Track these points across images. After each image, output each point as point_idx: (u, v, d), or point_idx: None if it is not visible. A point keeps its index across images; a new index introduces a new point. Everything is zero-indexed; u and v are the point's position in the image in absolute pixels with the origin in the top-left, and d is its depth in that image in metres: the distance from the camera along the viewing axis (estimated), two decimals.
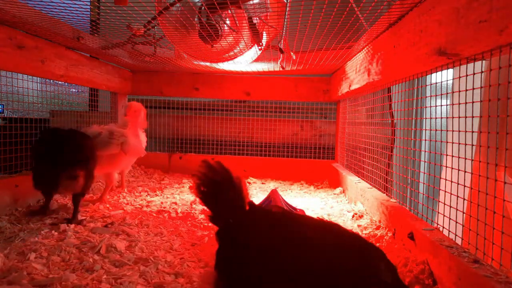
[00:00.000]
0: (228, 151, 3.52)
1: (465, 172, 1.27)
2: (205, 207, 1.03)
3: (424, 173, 1.63)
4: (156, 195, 2.44)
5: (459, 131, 1.29)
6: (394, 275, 0.75)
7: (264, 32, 2.03)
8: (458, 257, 1.07)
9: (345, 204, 2.31)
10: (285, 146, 3.53)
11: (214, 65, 2.73)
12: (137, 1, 1.57)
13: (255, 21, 1.90)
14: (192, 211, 2.06)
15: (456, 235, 1.28)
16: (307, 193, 2.72)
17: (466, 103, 1.23)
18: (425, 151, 2.16)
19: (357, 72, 2.25)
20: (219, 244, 0.92)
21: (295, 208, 1.96)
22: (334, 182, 2.92)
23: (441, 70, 1.36)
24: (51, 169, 1.63)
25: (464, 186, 1.27)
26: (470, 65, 1.20)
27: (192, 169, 1.09)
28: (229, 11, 1.79)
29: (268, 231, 0.83)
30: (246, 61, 2.50)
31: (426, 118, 2.46)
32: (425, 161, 1.68)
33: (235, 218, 0.93)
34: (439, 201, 1.48)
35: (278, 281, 0.68)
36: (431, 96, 1.52)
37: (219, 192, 0.99)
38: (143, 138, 2.56)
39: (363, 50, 2.10)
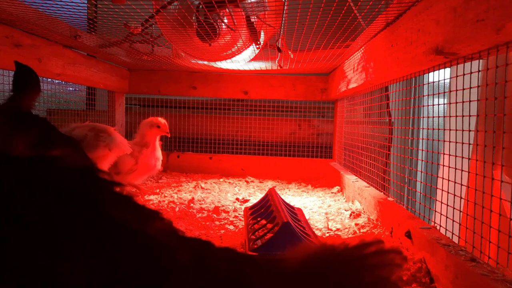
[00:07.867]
0: (226, 150, 3.52)
1: (462, 171, 1.27)
2: None
3: (422, 171, 1.63)
4: (154, 193, 2.44)
5: (456, 130, 1.29)
6: None
7: (262, 31, 2.03)
8: (455, 255, 1.07)
9: (342, 203, 2.32)
10: (283, 145, 3.52)
11: (212, 63, 2.73)
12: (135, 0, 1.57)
13: (253, 20, 1.89)
14: (190, 210, 2.06)
15: (453, 233, 1.29)
16: (305, 191, 2.72)
17: (463, 102, 1.23)
18: (422, 150, 2.16)
19: (354, 71, 2.25)
20: None
21: (293, 207, 1.96)
22: (331, 181, 2.92)
23: (439, 69, 1.37)
24: None
25: (461, 184, 1.28)
26: (467, 64, 1.21)
27: (190, 168, 1.08)
28: (227, 10, 1.79)
29: None
30: (244, 60, 2.49)
31: (423, 117, 2.47)
32: (422, 160, 1.69)
33: None
34: (436, 200, 1.48)
35: None
36: (428, 95, 1.53)
37: None
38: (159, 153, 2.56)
39: (361, 49, 2.10)
